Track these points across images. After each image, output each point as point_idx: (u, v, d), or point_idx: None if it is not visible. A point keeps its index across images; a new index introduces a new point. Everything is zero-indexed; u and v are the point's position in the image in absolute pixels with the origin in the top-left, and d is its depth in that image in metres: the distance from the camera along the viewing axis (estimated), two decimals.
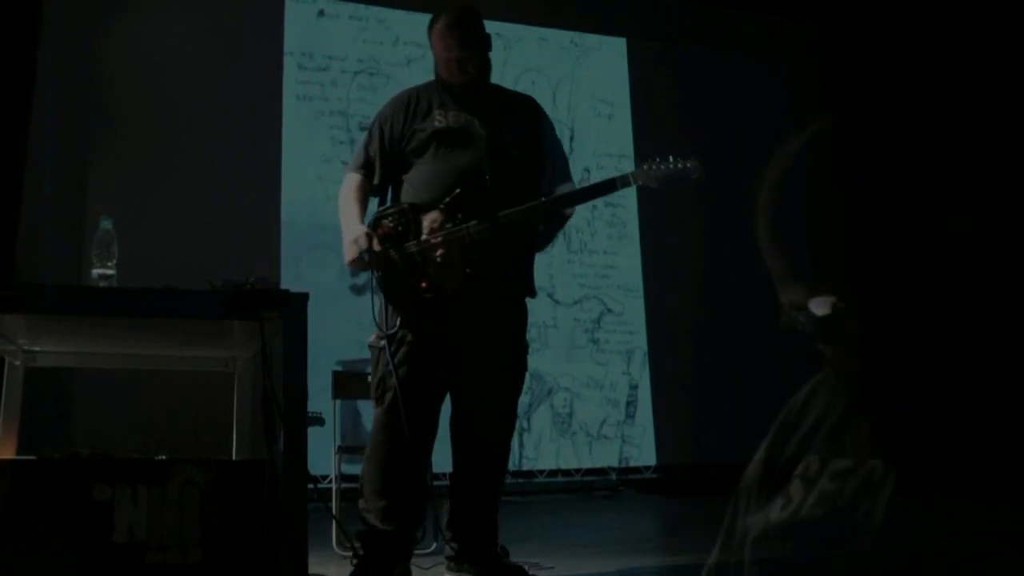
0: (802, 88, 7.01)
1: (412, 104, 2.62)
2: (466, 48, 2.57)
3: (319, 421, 3.68)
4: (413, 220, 2.47)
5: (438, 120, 2.57)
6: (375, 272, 2.50)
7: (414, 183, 2.56)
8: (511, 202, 2.46)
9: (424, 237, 2.45)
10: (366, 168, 2.61)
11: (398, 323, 2.49)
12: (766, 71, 6.91)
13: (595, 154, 6.20)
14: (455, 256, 2.43)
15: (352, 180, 2.61)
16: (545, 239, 2.68)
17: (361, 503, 2.54)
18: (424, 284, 2.43)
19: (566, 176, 2.72)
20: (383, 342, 2.50)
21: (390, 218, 2.50)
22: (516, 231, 2.49)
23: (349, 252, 2.48)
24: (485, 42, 2.61)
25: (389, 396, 2.47)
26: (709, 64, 6.71)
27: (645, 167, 2.57)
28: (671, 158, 2.56)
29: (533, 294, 2.67)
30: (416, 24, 5.95)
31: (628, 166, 6.26)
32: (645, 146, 6.33)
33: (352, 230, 2.50)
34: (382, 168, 2.60)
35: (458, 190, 2.46)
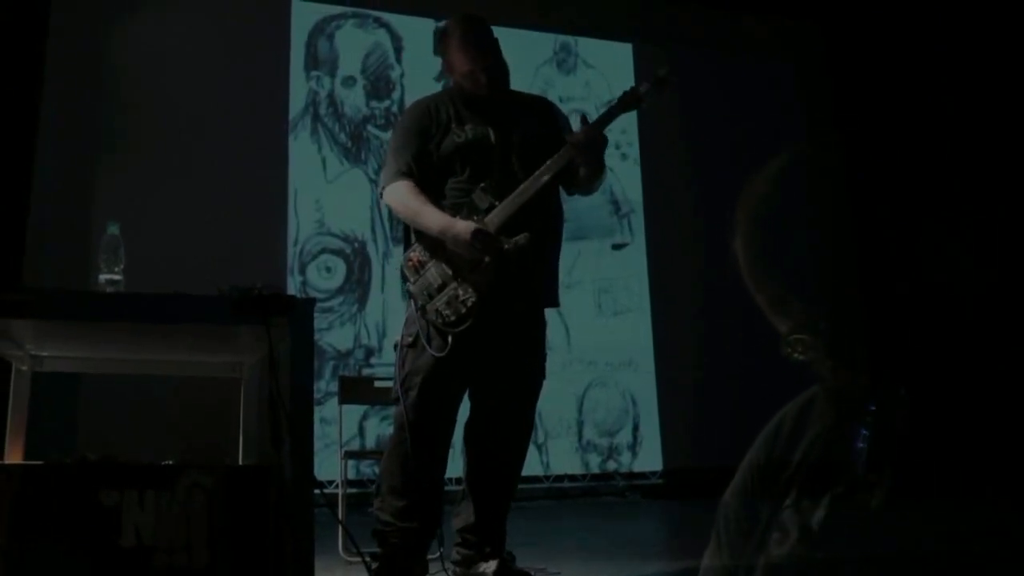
0: (808, 90, 7.01)
1: (433, 115, 2.59)
2: (490, 56, 2.57)
3: None
4: (433, 245, 2.50)
5: (456, 135, 2.56)
6: (406, 283, 2.55)
7: (445, 205, 2.54)
8: (524, 209, 2.47)
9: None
10: (410, 174, 2.55)
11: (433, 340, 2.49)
12: (772, 73, 6.91)
13: None
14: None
15: (406, 187, 2.53)
16: (595, 175, 2.63)
17: (377, 502, 2.55)
18: (460, 291, 2.45)
19: None
20: (410, 339, 2.52)
21: (416, 251, 2.54)
22: (537, 214, 2.51)
23: (467, 245, 2.42)
24: (497, 47, 2.62)
25: (413, 394, 2.49)
26: (715, 67, 6.70)
27: (623, 96, 2.55)
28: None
29: (556, 304, 2.68)
30: (421, 28, 5.99)
31: (635, 169, 6.28)
32: (651, 149, 6.34)
33: (456, 225, 2.45)
34: (420, 176, 2.56)
35: (472, 198, 2.48)
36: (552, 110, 2.77)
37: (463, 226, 2.43)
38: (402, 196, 2.54)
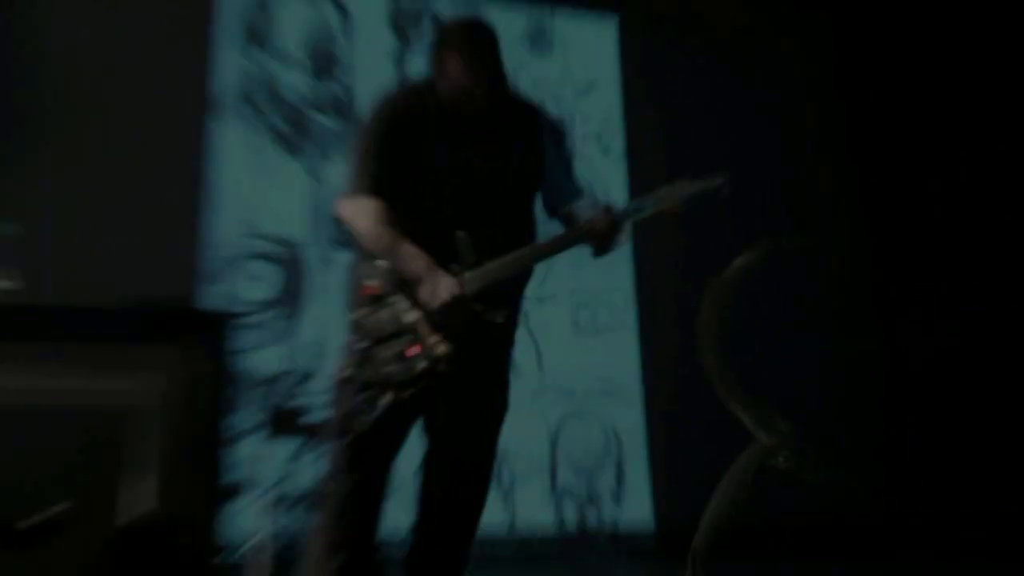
0: (811, 81, 7.12)
1: (412, 114, 2.56)
2: (494, 76, 2.54)
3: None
4: (400, 281, 2.47)
5: (436, 157, 2.53)
6: (354, 312, 2.52)
7: (410, 230, 2.49)
8: (508, 248, 2.49)
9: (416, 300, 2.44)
10: (378, 191, 2.50)
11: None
12: (773, 61, 7.01)
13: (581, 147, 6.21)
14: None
15: (376, 210, 2.48)
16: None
17: (310, 562, 2.50)
18: (413, 349, 2.41)
19: (575, 193, 2.77)
20: (348, 373, 2.48)
21: (375, 280, 2.50)
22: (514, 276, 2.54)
23: (438, 297, 2.40)
24: (503, 68, 2.57)
25: (351, 438, 2.47)
26: (712, 53, 6.78)
27: (663, 191, 2.61)
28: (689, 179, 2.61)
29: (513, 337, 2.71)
30: (371, 1, 5.99)
31: (619, 165, 6.28)
32: (638, 143, 6.36)
33: (440, 281, 2.41)
34: (387, 193, 2.51)
35: (458, 244, 2.44)
36: (542, 125, 2.74)
37: (445, 284, 2.40)
38: (371, 222, 2.49)
